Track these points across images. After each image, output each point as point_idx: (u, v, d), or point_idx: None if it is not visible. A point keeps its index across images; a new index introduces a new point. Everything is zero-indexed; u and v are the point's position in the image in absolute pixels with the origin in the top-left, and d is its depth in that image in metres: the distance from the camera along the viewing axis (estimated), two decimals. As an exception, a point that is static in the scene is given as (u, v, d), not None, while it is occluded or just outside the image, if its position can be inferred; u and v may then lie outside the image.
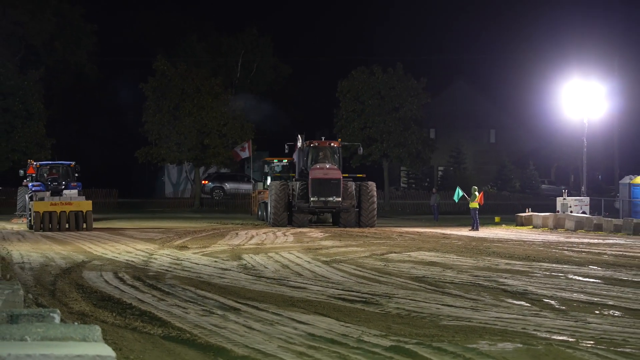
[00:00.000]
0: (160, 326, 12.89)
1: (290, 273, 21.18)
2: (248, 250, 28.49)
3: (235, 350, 10.98)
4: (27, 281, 18.76)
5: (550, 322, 13.55)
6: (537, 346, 11.01)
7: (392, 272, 21.38)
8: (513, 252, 28.53)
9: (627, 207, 51.45)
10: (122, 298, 16.09)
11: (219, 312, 14.29)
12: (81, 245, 30.40)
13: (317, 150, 45.91)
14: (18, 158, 62.31)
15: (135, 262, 23.81)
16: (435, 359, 10.20)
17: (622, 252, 29.60)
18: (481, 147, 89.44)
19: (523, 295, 17.06)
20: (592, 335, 12.37)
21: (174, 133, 66.33)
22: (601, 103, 54.97)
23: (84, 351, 5.81)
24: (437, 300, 16.18)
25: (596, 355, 10.65)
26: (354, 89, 72.25)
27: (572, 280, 19.92)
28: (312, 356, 10.57)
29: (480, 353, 10.48)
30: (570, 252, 29.00)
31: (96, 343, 6.25)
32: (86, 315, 13.97)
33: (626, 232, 41.94)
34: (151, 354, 10.91)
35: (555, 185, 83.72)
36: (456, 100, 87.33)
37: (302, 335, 12.04)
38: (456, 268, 22.66)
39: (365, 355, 10.54)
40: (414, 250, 29.01)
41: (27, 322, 6.93)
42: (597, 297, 16.77)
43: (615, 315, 14.54)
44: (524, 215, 50.23)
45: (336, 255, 26.61)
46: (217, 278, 19.80)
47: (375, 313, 14.48)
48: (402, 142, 71.64)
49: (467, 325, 13.17)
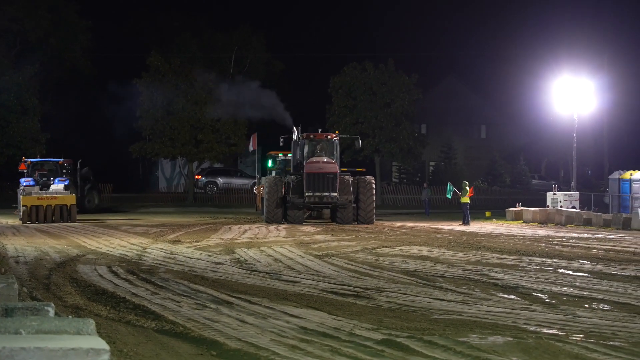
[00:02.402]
0: (153, 320, 12.88)
1: (282, 267, 21.19)
2: (241, 244, 28.48)
3: (228, 343, 10.98)
4: (22, 275, 18.73)
5: (540, 316, 13.57)
6: (527, 339, 11.02)
7: (384, 266, 21.39)
8: (503, 246, 28.56)
9: (616, 202, 51.56)
10: (115, 292, 16.08)
11: (212, 306, 14.28)
12: (75, 239, 30.36)
13: (314, 143, 43.50)
14: (13, 153, 62.24)
15: (129, 256, 23.79)
16: (427, 352, 10.20)
17: (611, 246, 29.64)
18: (472, 142, 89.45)
19: (513, 289, 17.08)
20: (582, 328, 12.38)
21: (167, 128, 66.35)
22: (591, 99, 55.09)
23: (78, 344, 5.80)
24: (428, 294, 16.19)
25: (585, 348, 10.67)
26: (346, 85, 72.31)
27: (561, 275, 19.95)
28: (304, 349, 10.56)
29: (470, 346, 10.49)
30: (560, 247, 29.04)
31: (90, 336, 6.23)
32: (80, 309, 13.95)
33: (615, 227, 42.00)
34: (145, 347, 10.90)
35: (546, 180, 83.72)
36: (447, 96, 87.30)
37: (295, 329, 12.04)
38: (447, 262, 22.67)
39: (357, 349, 10.54)
40: (405, 244, 29.02)
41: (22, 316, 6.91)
42: (586, 291, 16.79)
43: (605, 309, 14.56)
44: (515, 210, 50.26)
45: (328, 249, 26.61)
46: (210, 272, 19.80)
47: (367, 307, 14.48)
48: (393, 138, 71.71)
49: (457, 319, 13.18)
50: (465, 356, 10.03)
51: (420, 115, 78.99)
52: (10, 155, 62.29)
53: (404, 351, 10.33)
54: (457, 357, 9.99)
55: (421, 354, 10.15)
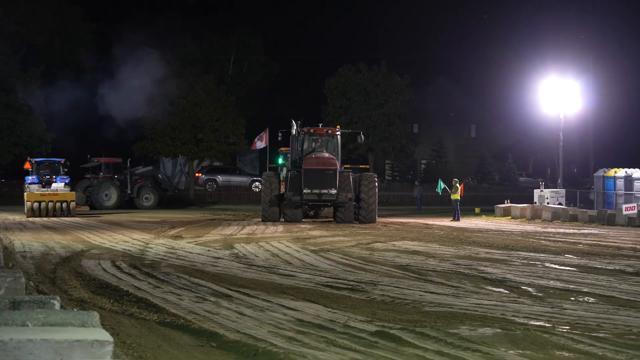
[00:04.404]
0: (155, 312, 12.88)
1: (280, 261, 21.18)
2: (240, 239, 28.45)
3: (228, 335, 10.98)
4: (29, 269, 18.70)
5: (527, 308, 13.58)
6: (515, 331, 11.04)
7: (377, 261, 21.40)
8: (492, 241, 28.58)
9: (601, 199, 51.67)
10: (119, 285, 16.07)
11: (212, 299, 14.28)
12: (80, 235, 30.32)
13: (314, 138, 40.42)
14: (20, 152, 62.25)
15: (132, 251, 23.78)
16: (419, 344, 10.21)
17: (596, 241, 29.68)
18: (462, 141, 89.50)
19: (502, 282, 17.09)
20: (568, 320, 12.40)
21: (169, 128, 66.35)
22: (576, 99, 55.12)
23: (83, 336, 5.81)
24: (420, 287, 16.19)
25: (572, 339, 10.68)
26: (341, 86, 72.39)
27: (548, 269, 19.97)
28: (300, 341, 10.57)
29: (461, 338, 10.50)
30: (547, 242, 29.06)
31: (94, 328, 6.24)
32: (85, 302, 13.94)
33: (600, 223, 42.06)
34: (147, 338, 10.89)
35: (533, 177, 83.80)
36: (438, 96, 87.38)
37: (291, 321, 12.04)
38: (438, 257, 22.69)
39: (351, 340, 10.55)
40: (398, 239, 29.03)
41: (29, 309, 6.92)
42: (572, 285, 16.82)
43: (590, 302, 14.58)
44: (503, 206, 50.30)
45: (324, 244, 26.61)
46: (210, 266, 19.79)
47: (361, 300, 14.48)
48: (386, 137, 71.86)
49: (448, 311, 13.19)
50: (456, 347, 10.04)
51: (413, 115, 79.12)
52: (17, 154, 62.33)
53: (396, 342, 10.34)
54: (448, 348, 10.00)
55: (413, 345, 10.16)
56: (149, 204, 55.18)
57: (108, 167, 55.32)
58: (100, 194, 53.67)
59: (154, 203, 55.41)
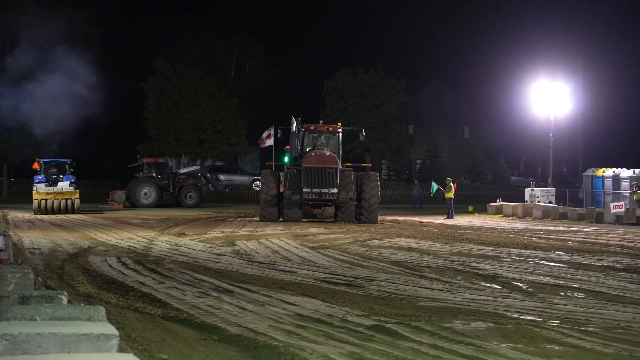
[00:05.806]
0: (160, 307, 12.87)
1: (279, 258, 21.18)
2: (241, 237, 28.44)
3: (229, 329, 10.98)
4: (37, 265, 18.69)
5: (519, 303, 13.59)
6: (507, 325, 11.04)
7: (374, 257, 21.40)
8: (485, 238, 28.59)
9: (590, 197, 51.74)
10: (124, 281, 16.06)
11: (214, 294, 14.28)
12: (87, 232, 30.29)
13: (314, 135, 38.14)
14: (29, 152, 62.32)
15: (137, 248, 23.75)
16: (414, 337, 10.21)
17: (585, 238, 29.70)
18: (456, 141, 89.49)
19: (494, 278, 17.10)
20: (558, 315, 12.40)
21: (172, 129, 66.41)
22: (566, 101, 55.21)
23: (90, 330, 5.82)
24: (415, 283, 16.20)
25: (562, 333, 10.69)
26: (339, 89, 72.43)
27: (539, 265, 19.98)
28: (299, 334, 10.57)
29: (455, 332, 10.51)
30: (538, 239, 29.07)
31: (101, 322, 6.24)
32: (91, 297, 13.94)
33: (589, 220, 42.09)
34: (151, 332, 10.89)
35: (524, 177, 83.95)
36: (433, 98, 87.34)
37: (291, 315, 12.05)
38: (433, 253, 22.69)
39: (348, 334, 10.55)
40: (394, 237, 29.02)
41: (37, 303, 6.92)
42: (562, 280, 16.83)
43: (579, 297, 14.59)
44: (495, 204, 50.33)
45: (322, 241, 26.59)
46: (212, 262, 19.78)
47: (358, 295, 14.49)
48: (383, 138, 71.93)
49: (442, 306, 13.19)
50: (450, 340, 10.05)
51: (408, 117, 79.09)
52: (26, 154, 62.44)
53: (392, 336, 10.35)
54: (442, 342, 10.00)
55: (409, 339, 10.16)
56: (192, 202, 55.10)
57: (150, 167, 55.33)
58: (139, 192, 53.90)
59: (197, 201, 55.31)
